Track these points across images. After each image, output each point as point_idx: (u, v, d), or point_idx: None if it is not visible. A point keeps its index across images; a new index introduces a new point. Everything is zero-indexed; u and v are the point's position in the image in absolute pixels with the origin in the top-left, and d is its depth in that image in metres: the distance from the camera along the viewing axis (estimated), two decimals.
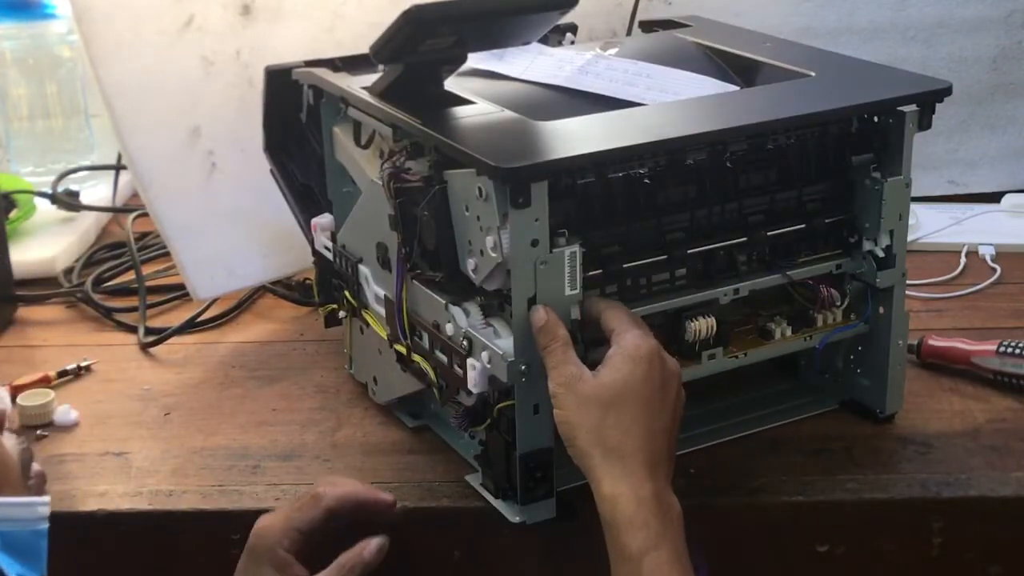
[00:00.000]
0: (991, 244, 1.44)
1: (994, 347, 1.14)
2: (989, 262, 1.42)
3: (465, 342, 0.95)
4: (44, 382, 1.21)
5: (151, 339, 1.32)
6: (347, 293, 1.14)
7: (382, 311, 1.08)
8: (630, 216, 0.95)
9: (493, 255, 0.89)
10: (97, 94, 1.24)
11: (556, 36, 1.26)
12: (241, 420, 1.15)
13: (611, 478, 0.84)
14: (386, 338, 1.07)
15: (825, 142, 1.01)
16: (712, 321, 0.99)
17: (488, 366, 0.93)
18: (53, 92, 1.77)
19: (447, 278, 0.95)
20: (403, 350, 1.04)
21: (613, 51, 1.15)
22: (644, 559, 0.79)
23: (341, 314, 1.18)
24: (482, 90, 1.04)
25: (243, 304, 1.39)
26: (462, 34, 0.97)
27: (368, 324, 1.11)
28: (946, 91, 1.01)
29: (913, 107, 1.01)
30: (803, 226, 1.03)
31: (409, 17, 0.92)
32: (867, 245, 1.04)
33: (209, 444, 1.11)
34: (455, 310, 0.95)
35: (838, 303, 1.06)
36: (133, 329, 1.35)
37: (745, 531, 1.01)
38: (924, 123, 1.01)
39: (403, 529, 1.01)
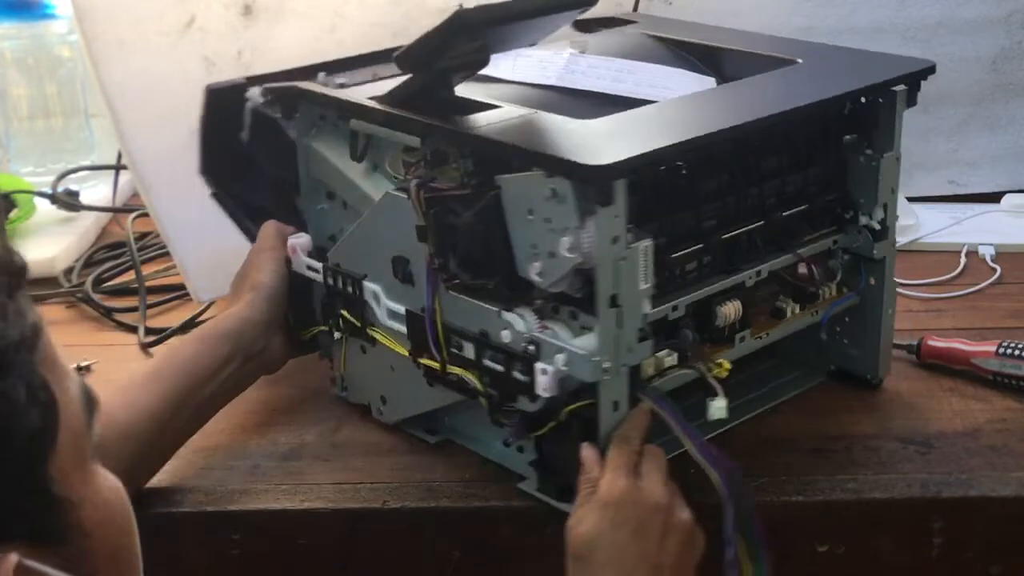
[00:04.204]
0: (991, 244, 1.44)
1: (993, 348, 1.14)
2: (989, 262, 1.42)
3: (532, 347, 0.92)
4: None
5: (151, 339, 1.32)
6: (345, 312, 1.09)
7: (399, 327, 1.04)
8: (673, 207, 0.96)
9: (570, 256, 0.87)
10: (97, 94, 1.24)
11: None
12: (241, 420, 1.15)
13: None
14: (407, 354, 1.04)
15: (826, 125, 1.07)
16: (739, 304, 1.01)
17: (563, 368, 0.91)
18: (53, 92, 1.77)
19: (500, 285, 0.93)
20: (433, 364, 1.01)
21: (583, 49, 1.16)
22: None
23: (336, 335, 1.13)
24: (483, 93, 1.02)
25: None
26: (489, 37, 0.95)
27: (374, 343, 1.08)
28: (930, 69, 1.07)
29: (902, 86, 1.06)
30: (807, 206, 1.07)
31: (455, 20, 0.89)
32: (863, 219, 1.09)
33: (209, 444, 1.11)
34: (511, 316, 0.93)
35: (834, 278, 1.10)
36: (133, 329, 1.35)
37: None
38: (911, 100, 1.07)
39: (403, 529, 1.01)
